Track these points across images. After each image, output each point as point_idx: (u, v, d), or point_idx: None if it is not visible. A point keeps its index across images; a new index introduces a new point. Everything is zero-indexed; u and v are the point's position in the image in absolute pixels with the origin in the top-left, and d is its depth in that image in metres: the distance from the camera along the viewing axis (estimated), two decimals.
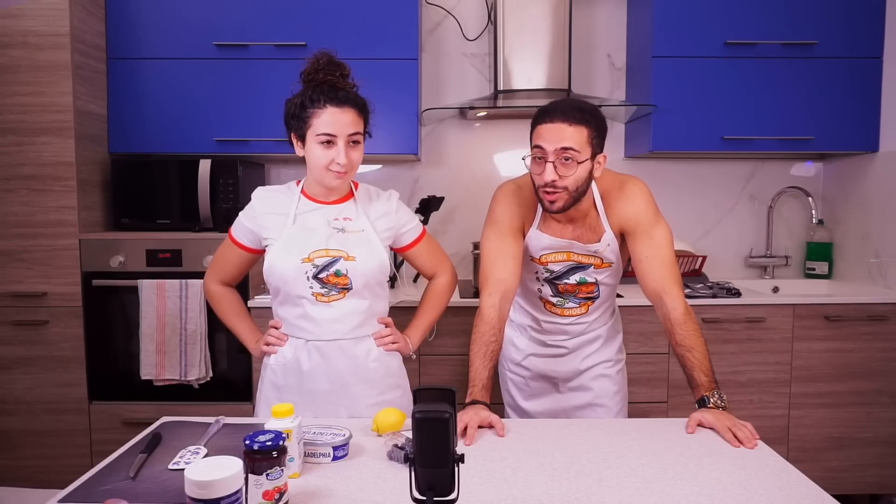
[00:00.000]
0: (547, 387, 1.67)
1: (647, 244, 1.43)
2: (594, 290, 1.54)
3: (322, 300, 1.41)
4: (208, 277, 1.57)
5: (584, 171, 1.36)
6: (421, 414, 0.84)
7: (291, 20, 2.42)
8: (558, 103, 1.38)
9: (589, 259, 1.49)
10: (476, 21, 2.79)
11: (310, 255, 1.39)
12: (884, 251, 2.48)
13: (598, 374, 1.63)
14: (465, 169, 2.84)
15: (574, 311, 1.58)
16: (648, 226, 1.44)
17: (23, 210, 2.23)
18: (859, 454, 2.35)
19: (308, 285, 1.40)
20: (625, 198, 1.46)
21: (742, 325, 2.30)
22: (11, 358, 2.27)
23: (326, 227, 1.42)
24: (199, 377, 2.24)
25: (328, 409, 1.44)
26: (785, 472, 1.08)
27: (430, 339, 2.23)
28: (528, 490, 1.02)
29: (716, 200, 2.86)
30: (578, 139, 1.33)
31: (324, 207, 1.45)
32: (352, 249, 1.41)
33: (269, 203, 1.46)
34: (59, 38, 2.20)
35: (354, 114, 1.37)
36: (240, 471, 0.85)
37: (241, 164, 2.43)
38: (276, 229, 1.43)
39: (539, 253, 1.51)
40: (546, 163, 1.35)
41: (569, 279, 1.52)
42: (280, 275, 1.40)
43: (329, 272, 1.40)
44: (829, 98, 2.47)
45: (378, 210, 1.49)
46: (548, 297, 1.57)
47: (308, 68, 1.38)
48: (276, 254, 1.40)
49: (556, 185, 1.35)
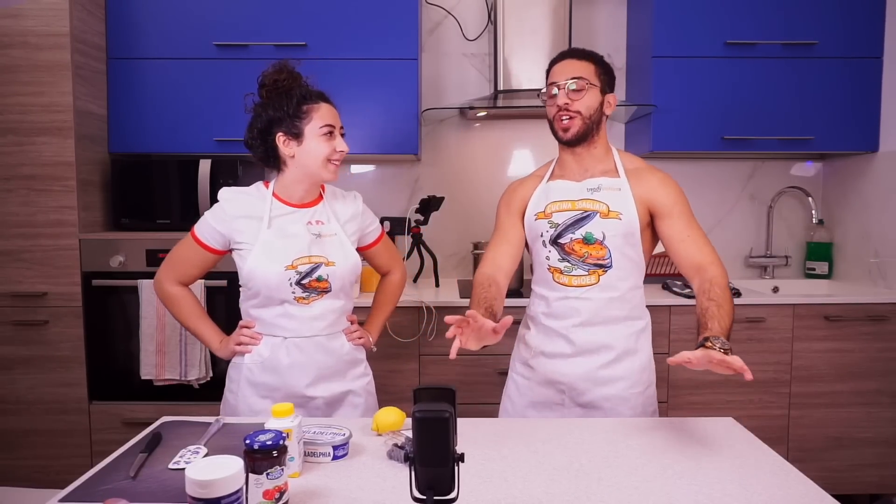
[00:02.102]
0: (552, 396, 1.52)
1: (687, 224, 1.46)
2: (605, 255, 1.45)
3: (303, 302, 1.46)
4: (163, 277, 1.53)
5: (595, 100, 1.47)
6: (421, 413, 0.84)
7: (291, 20, 2.42)
8: (566, 50, 1.55)
9: (594, 205, 1.46)
10: (476, 21, 2.79)
11: (293, 263, 1.44)
12: (884, 251, 2.48)
13: (612, 395, 1.47)
14: (465, 169, 2.84)
15: (584, 281, 1.46)
16: (686, 210, 1.47)
17: (23, 210, 2.24)
18: (859, 454, 2.35)
19: (290, 290, 1.44)
20: (661, 181, 1.49)
21: (742, 325, 2.29)
22: (11, 358, 2.27)
23: (306, 234, 1.46)
24: (199, 377, 2.25)
25: (306, 401, 1.49)
26: (785, 472, 1.08)
27: (430, 338, 2.23)
28: (528, 490, 1.02)
29: (716, 200, 2.86)
30: (587, 70, 1.47)
31: (298, 211, 1.49)
32: (330, 255, 1.47)
33: (240, 205, 1.47)
34: (59, 38, 2.20)
35: (335, 109, 1.49)
36: (240, 470, 0.85)
37: (241, 164, 2.43)
38: (250, 233, 1.45)
39: (545, 205, 1.51)
40: (560, 91, 1.47)
41: (574, 233, 1.46)
42: (263, 281, 1.43)
43: (311, 278, 1.45)
44: (829, 98, 2.47)
45: (346, 212, 1.56)
46: (555, 264, 1.49)
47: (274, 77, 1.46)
48: (258, 260, 1.42)
49: (570, 108, 1.45)
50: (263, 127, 1.45)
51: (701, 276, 1.39)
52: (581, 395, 1.49)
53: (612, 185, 1.47)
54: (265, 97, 1.46)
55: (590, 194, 1.47)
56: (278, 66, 1.47)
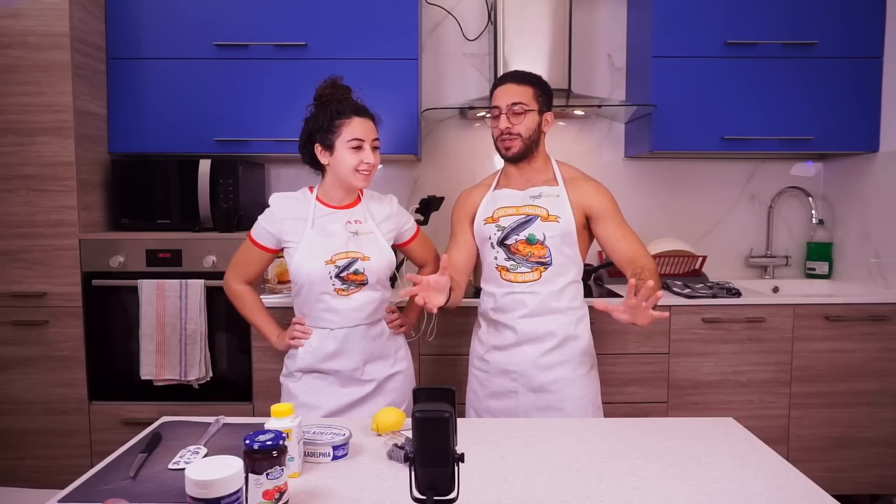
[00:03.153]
0: (507, 384, 1.69)
1: (619, 226, 1.66)
2: (546, 254, 1.64)
3: (342, 294, 1.62)
4: (230, 277, 1.74)
5: (534, 121, 1.66)
6: (421, 413, 0.84)
7: (291, 20, 2.42)
8: (507, 73, 1.72)
9: (536, 210, 1.65)
10: (476, 21, 2.79)
11: (332, 258, 1.60)
12: (884, 251, 2.48)
13: (559, 377, 1.65)
14: (465, 169, 2.84)
15: (527, 277, 1.65)
16: (617, 213, 1.68)
17: (23, 210, 2.23)
18: (859, 454, 2.35)
19: (331, 283, 1.61)
20: (594, 188, 1.69)
21: (742, 325, 2.29)
22: (11, 358, 2.27)
23: (344, 232, 1.63)
24: (199, 377, 2.24)
25: (353, 382, 1.66)
26: (785, 472, 1.08)
27: (430, 338, 2.23)
28: (528, 490, 1.02)
29: (716, 200, 2.86)
30: (525, 95, 1.65)
31: (338, 212, 1.66)
32: (366, 250, 1.63)
33: (287, 208, 1.65)
34: (59, 38, 2.20)
35: (373, 123, 1.64)
36: (240, 470, 0.85)
37: (241, 164, 2.43)
38: (296, 233, 1.62)
39: (493, 210, 1.70)
40: (501, 115, 1.66)
41: (519, 234, 1.65)
42: (307, 275, 1.60)
43: (349, 271, 1.61)
44: (829, 98, 2.47)
45: (382, 212, 1.72)
46: (502, 263, 1.68)
47: (322, 91, 1.64)
48: (302, 257, 1.60)
49: (511, 131, 1.64)
50: (306, 137, 1.64)
51: (633, 265, 1.59)
52: (531, 381, 1.66)
53: (551, 192, 1.67)
54: (313, 109, 1.64)
55: (532, 201, 1.66)
56: (328, 80, 1.65)
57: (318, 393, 1.65)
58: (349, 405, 1.66)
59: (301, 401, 1.65)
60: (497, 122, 1.67)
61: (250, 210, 2.51)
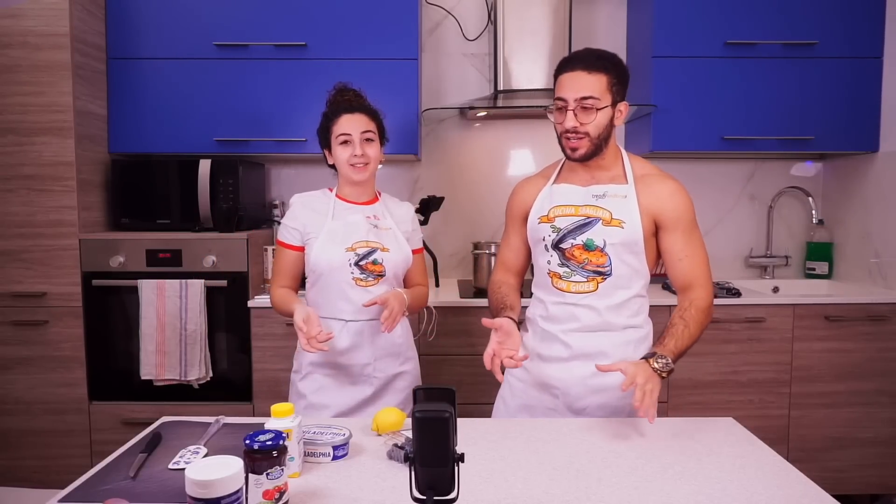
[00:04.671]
0: (546, 400, 1.49)
1: (687, 242, 1.44)
2: (605, 262, 1.42)
3: (361, 284, 1.63)
4: (272, 291, 1.71)
5: (605, 117, 1.39)
6: (421, 413, 0.84)
7: (291, 20, 2.42)
8: (579, 52, 1.42)
9: (597, 212, 1.43)
10: (476, 21, 2.79)
11: (353, 245, 1.63)
12: (884, 251, 2.48)
13: (605, 403, 1.44)
14: (465, 169, 2.84)
15: (582, 287, 1.44)
16: (689, 225, 1.45)
17: (23, 210, 2.23)
18: (859, 454, 2.35)
19: (350, 271, 1.62)
20: (671, 192, 1.44)
21: (742, 325, 2.30)
22: (11, 358, 2.27)
23: (365, 223, 1.66)
24: (199, 377, 2.24)
25: (365, 379, 1.66)
26: (785, 472, 1.08)
27: (430, 338, 2.23)
28: (528, 490, 1.02)
29: (716, 200, 2.86)
30: (598, 87, 1.37)
31: (358, 206, 1.70)
32: (385, 242, 1.67)
33: (308, 204, 1.69)
34: (59, 38, 2.20)
35: (365, 117, 1.65)
36: (240, 470, 0.85)
37: (241, 164, 2.43)
38: (318, 225, 1.65)
39: (549, 208, 1.48)
40: (567, 111, 1.38)
41: (576, 238, 1.43)
42: (327, 262, 1.61)
43: (368, 260, 1.64)
44: (829, 98, 2.47)
45: (399, 214, 1.76)
46: (555, 268, 1.46)
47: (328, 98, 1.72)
48: (323, 244, 1.62)
49: (578, 130, 1.39)
50: (318, 140, 1.71)
51: (685, 294, 1.44)
52: (575, 401, 1.46)
53: (617, 192, 1.43)
54: None
55: (594, 200, 1.44)
56: (337, 85, 1.72)
57: (328, 392, 1.65)
58: (358, 405, 1.65)
59: (310, 400, 1.65)
60: (562, 117, 1.40)
61: (250, 210, 2.51)
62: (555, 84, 1.43)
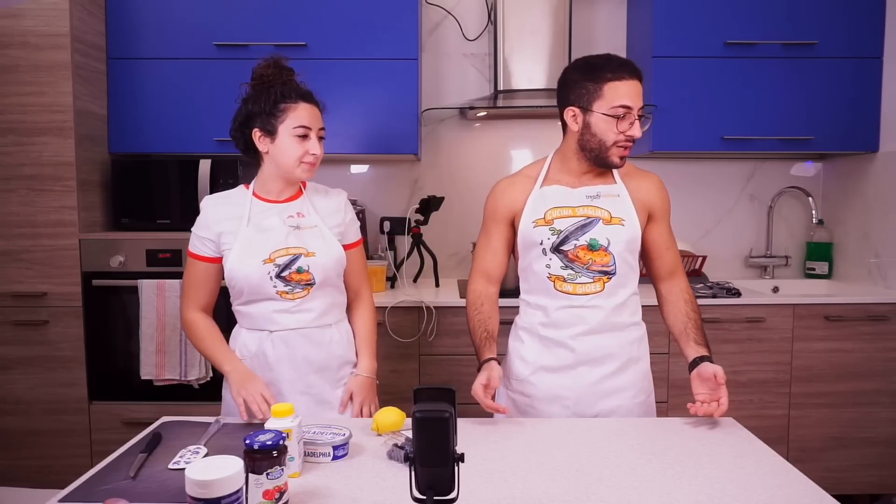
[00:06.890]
0: (556, 412, 1.45)
1: (670, 234, 1.52)
2: (609, 262, 1.41)
3: (287, 297, 1.43)
4: (183, 308, 1.50)
5: None
6: (421, 413, 0.84)
7: (291, 20, 2.42)
8: (623, 60, 1.39)
9: (596, 212, 1.42)
10: (476, 21, 2.79)
11: (271, 256, 1.42)
12: (884, 251, 2.48)
13: (618, 406, 1.44)
14: (465, 169, 2.84)
15: (589, 288, 1.41)
16: (669, 215, 1.52)
17: (23, 210, 2.23)
18: (859, 454, 2.35)
19: (272, 285, 1.42)
20: (656, 185, 1.50)
21: (742, 325, 2.30)
22: (11, 358, 2.27)
23: (283, 226, 1.44)
24: (199, 377, 2.24)
25: (293, 398, 1.45)
26: (785, 472, 1.08)
27: (430, 338, 2.23)
28: (528, 490, 1.02)
29: (716, 200, 2.86)
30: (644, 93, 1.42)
31: (276, 206, 1.48)
32: (310, 245, 1.45)
33: (221, 209, 1.48)
34: (59, 38, 2.20)
35: (319, 111, 1.47)
36: (240, 470, 0.85)
37: (241, 164, 2.43)
38: (232, 232, 1.44)
39: (544, 211, 1.44)
40: (634, 121, 1.37)
41: (578, 239, 1.41)
42: (244, 277, 1.41)
43: (291, 270, 1.43)
44: (829, 98, 2.47)
45: (328, 206, 1.53)
46: (558, 272, 1.42)
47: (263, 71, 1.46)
48: (237, 257, 1.42)
49: (635, 138, 1.39)
50: (243, 120, 1.47)
51: (673, 280, 1.51)
52: (588, 409, 1.43)
53: (610, 191, 1.44)
54: (251, 90, 1.47)
55: (590, 201, 1.43)
56: (269, 59, 1.46)
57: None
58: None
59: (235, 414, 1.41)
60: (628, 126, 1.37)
61: None
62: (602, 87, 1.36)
